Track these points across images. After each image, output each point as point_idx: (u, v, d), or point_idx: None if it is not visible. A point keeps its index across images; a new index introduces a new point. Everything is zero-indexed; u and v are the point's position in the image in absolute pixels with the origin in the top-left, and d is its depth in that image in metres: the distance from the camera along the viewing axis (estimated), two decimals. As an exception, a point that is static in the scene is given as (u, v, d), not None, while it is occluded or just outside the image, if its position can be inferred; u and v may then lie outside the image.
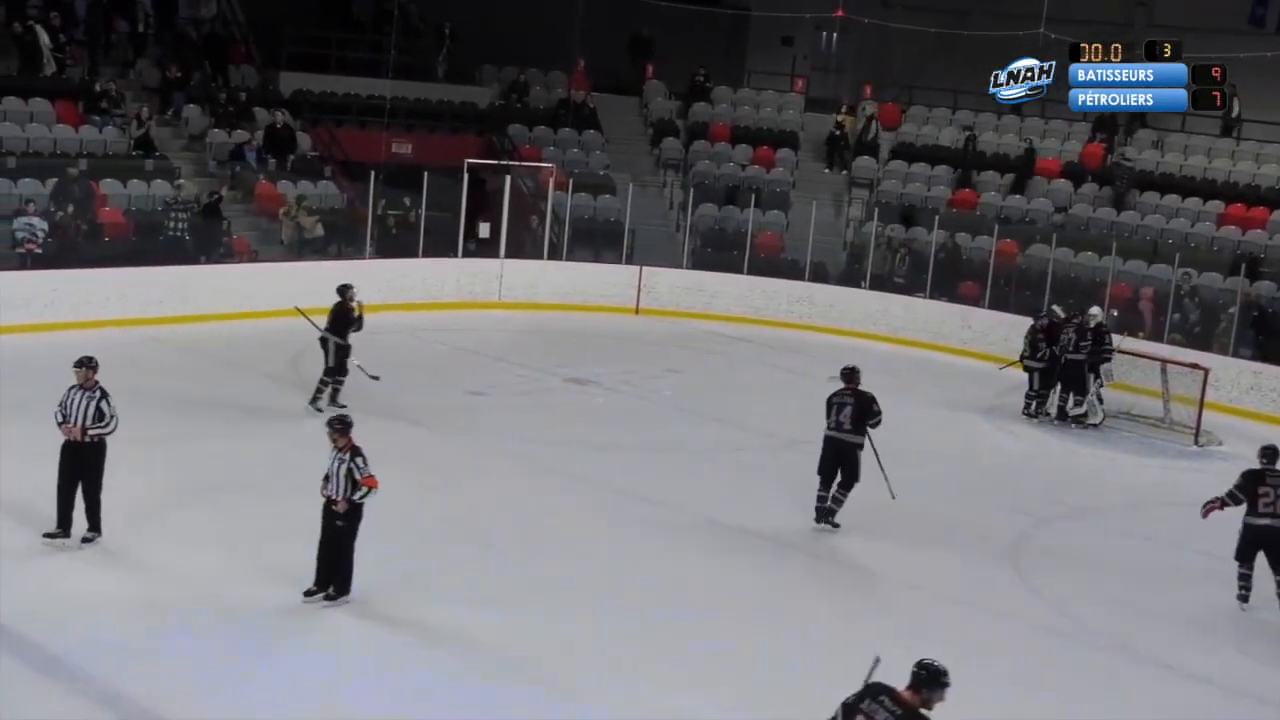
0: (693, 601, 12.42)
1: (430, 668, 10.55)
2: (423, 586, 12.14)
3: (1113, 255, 25.15)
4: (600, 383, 20.51)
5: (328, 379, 17.60)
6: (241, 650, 10.52)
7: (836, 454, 14.51)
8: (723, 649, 11.41)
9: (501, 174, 26.37)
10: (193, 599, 11.32)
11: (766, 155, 30.16)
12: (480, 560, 12.90)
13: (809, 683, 10.87)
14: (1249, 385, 22.33)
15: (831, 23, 31.16)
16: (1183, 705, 11.31)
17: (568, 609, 11.98)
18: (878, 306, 26.16)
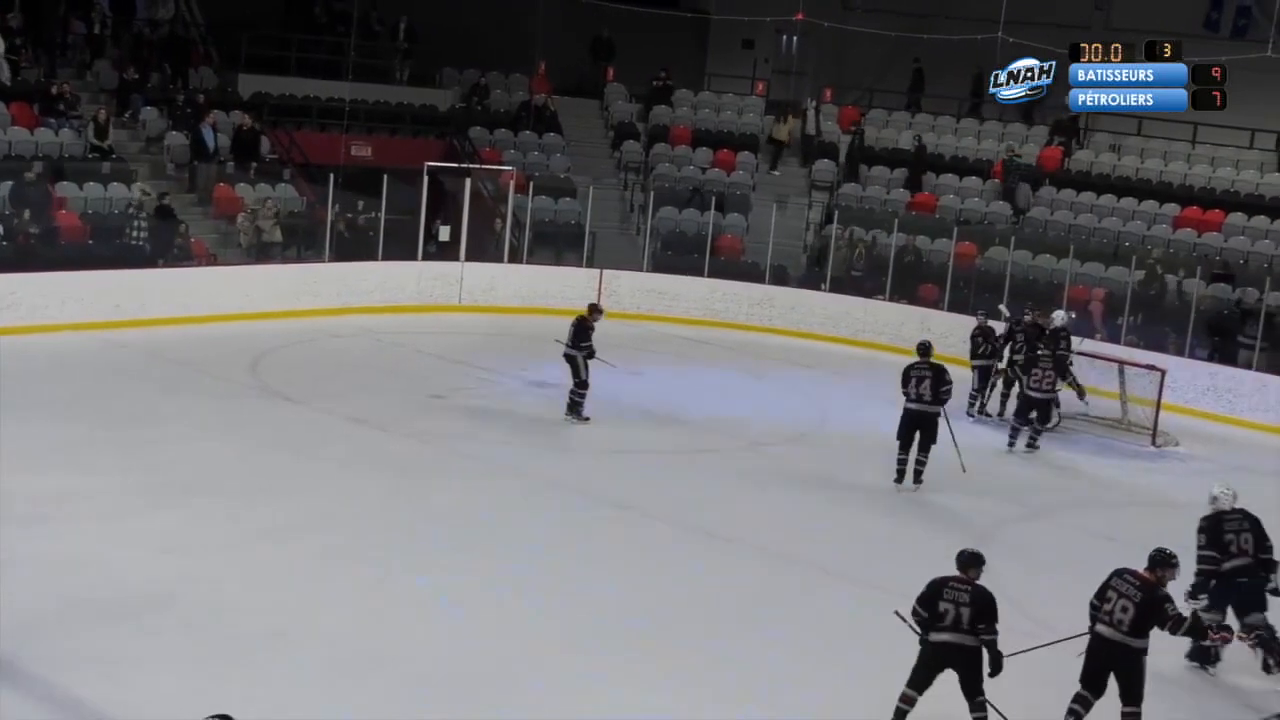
0: (659, 602, 12.43)
1: (399, 670, 10.52)
2: (388, 590, 12.12)
3: (1070, 258, 25.31)
4: (562, 385, 20.46)
5: (579, 390, 18.36)
6: (208, 655, 10.46)
7: (917, 422, 16.24)
8: (690, 648, 11.46)
9: (462, 177, 26.32)
10: (157, 603, 11.25)
11: (727, 158, 30.21)
12: (445, 562, 12.88)
13: (780, 683, 10.97)
14: (1205, 386, 22.51)
15: (792, 26, 31.21)
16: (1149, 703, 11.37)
17: (534, 611, 11.97)
18: (838, 309, 26.23)
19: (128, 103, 25.52)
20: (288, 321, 22.58)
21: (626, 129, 30.67)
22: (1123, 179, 29.06)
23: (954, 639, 9.94)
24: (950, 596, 9.95)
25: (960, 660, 9.95)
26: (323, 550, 12.84)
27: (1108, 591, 10.32)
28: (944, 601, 9.94)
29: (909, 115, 31.90)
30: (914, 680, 10.07)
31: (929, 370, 16.41)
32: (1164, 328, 24.19)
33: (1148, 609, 9.99)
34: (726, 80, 33.38)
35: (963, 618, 9.92)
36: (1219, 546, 12.18)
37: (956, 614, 9.93)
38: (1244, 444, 20.97)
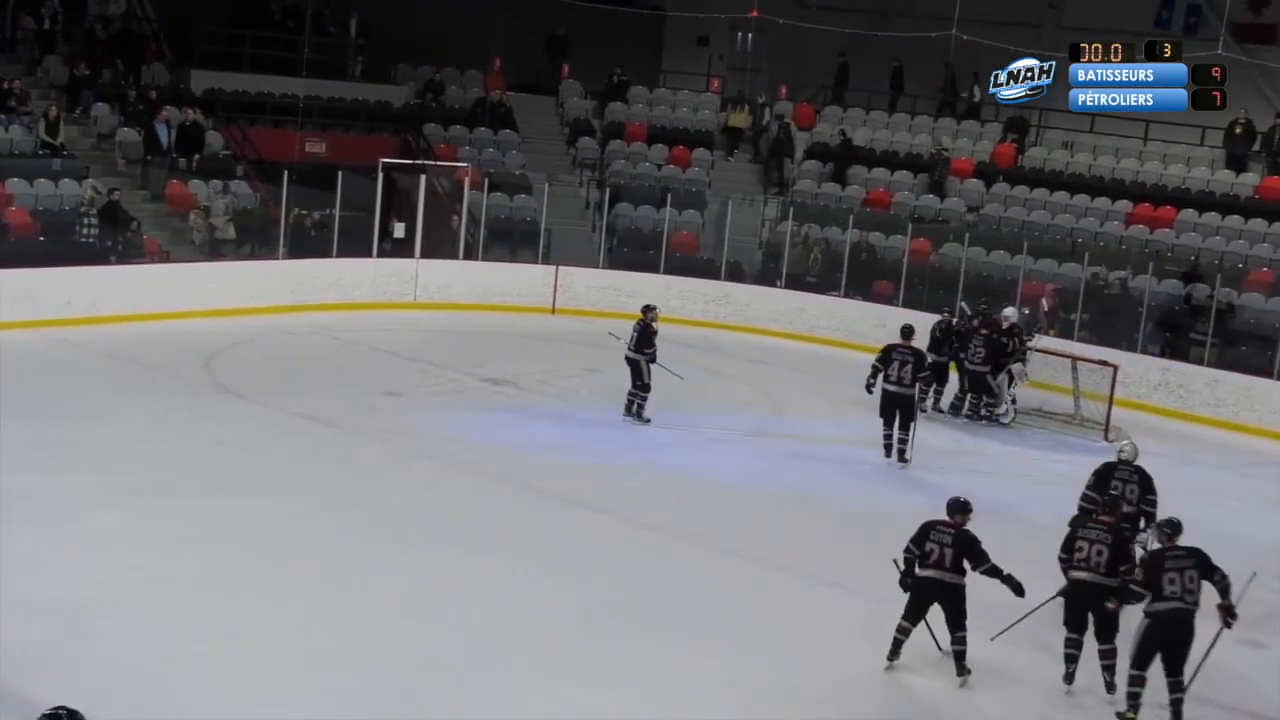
0: (614, 600, 12.43)
1: (351, 668, 10.49)
2: (342, 588, 12.08)
3: (1024, 254, 25.45)
4: (517, 383, 20.48)
5: (642, 393, 18.67)
6: (158, 655, 10.40)
7: (897, 402, 17.48)
8: (645, 647, 11.47)
9: (417, 174, 26.25)
10: (109, 603, 11.19)
11: (682, 155, 30.22)
12: (399, 561, 12.85)
13: (736, 684, 10.98)
14: (1157, 382, 22.67)
15: (747, 23, 31.28)
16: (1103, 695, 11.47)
17: (489, 610, 11.96)
18: (793, 305, 26.29)
19: (79, 99, 25.33)
20: (241, 319, 22.48)
21: (582, 126, 30.65)
22: (1075, 176, 29.22)
23: (937, 575, 11.18)
24: (936, 538, 11.25)
25: (944, 596, 11.20)
26: (275, 549, 12.79)
27: (1077, 542, 11.27)
28: (930, 542, 11.25)
29: (864, 113, 31.96)
30: (908, 614, 11.34)
31: (911, 355, 17.78)
32: (1116, 323, 24.37)
33: (1120, 548, 11.18)
34: (682, 77, 33.40)
35: (945, 557, 11.15)
36: (1103, 490, 13.15)
37: (940, 553, 11.18)
38: (1195, 439, 21.13)
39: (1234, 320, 23.92)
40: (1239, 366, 22.82)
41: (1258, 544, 15.49)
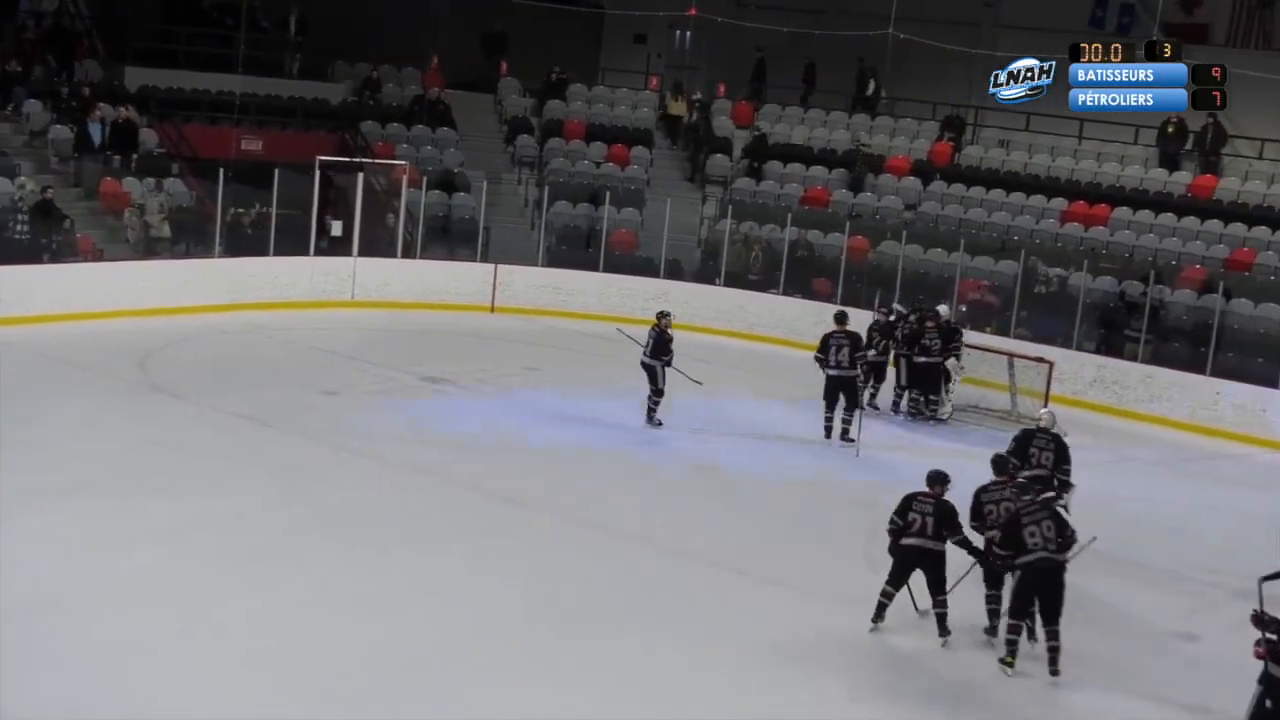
0: (555, 599, 12.41)
1: (290, 669, 10.42)
2: (281, 589, 11.99)
3: (960, 251, 25.61)
4: (456, 381, 20.41)
5: (655, 398, 18.81)
6: (94, 656, 10.28)
7: (840, 386, 18.47)
8: (585, 646, 11.45)
9: (354, 171, 26.10)
10: (43, 605, 11.05)
11: (621, 153, 30.20)
12: (337, 560, 12.77)
13: (670, 683, 10.99)
14: (1092, 378, 22.87)
15: (685, 21, 31.32)
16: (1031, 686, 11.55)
17: (429, 609, 11.91)
18: (733, 303, 26.35)
19: (10, 95, 25.03)
20: (176, 318, 22.29)
21: (520, 124, 30.57)
22: (1011, 174, 29.43)
23: (920, 543, 11.98)
24: (918, 509, 12.05)
25: (926, 562, 12.00)
26: (217, 549, 12.69)
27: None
28: (913, 512, 12.04)
29: (801, 110, 32.06)
30: (891, 579, 12.17)
31: (846, 339, 18.84)
32: (1052, 320, 24.57)
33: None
34: (620, 75, 33.42)
35: (927, 526, 11.96)
36: (1022, 456, 14.13)
37: (923, 523, 11.97)
38: (1130, 435, 21.35)
39: (1167, 317, 24.16)
40: (1173, 362, 23.08)
41: (1191, 533, 15.69)
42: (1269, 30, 30.69)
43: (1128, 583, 14.18)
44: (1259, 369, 22.54)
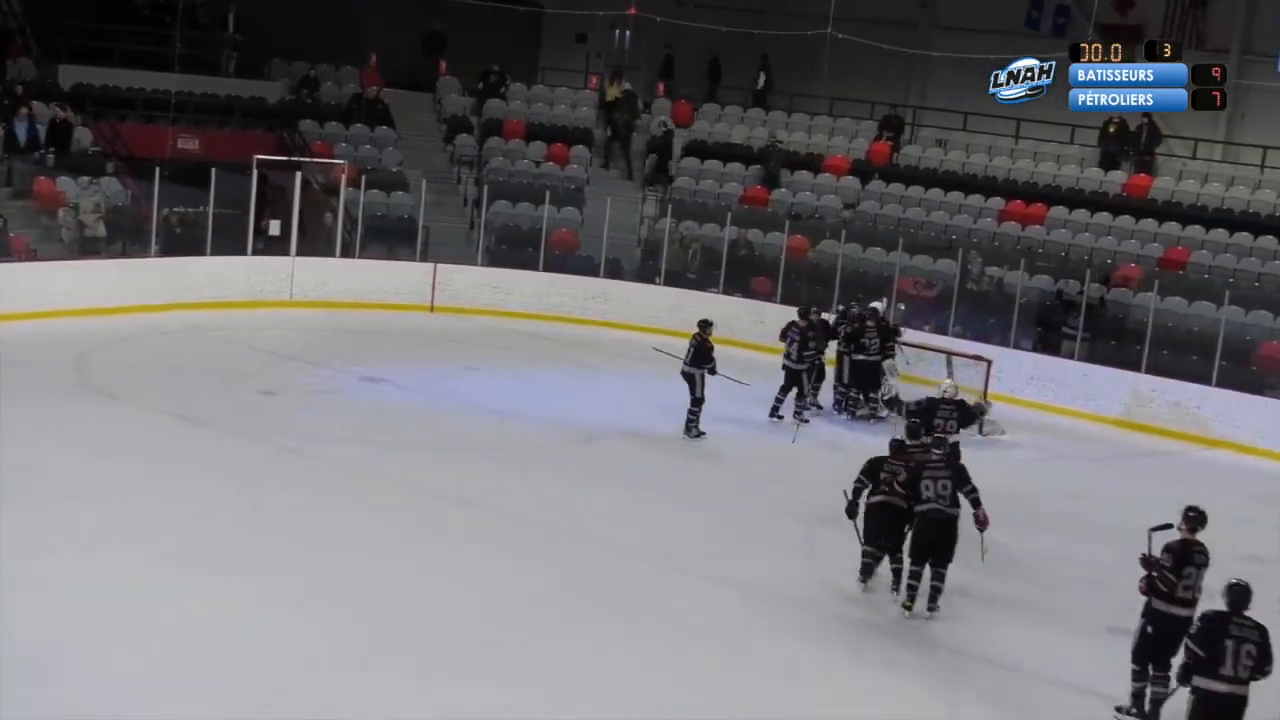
0: (497, 599, 12.39)
1: (229, 672, 10.35)
2: (222, 590, 11.90)
3: (899, 250, 25.74)
4: (396, 381, 20.34)
5: (695, 408, 18.81)
6: (21, 660, 10.15)
7: (793, 379, 19.66)
8: (528, 644, 11.44)
9: (292, 170, 25.93)
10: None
11: (561, 152, 30.18)
12: (278, 562, 12.69)
13: (621, 679, 11.00)
14: (1029, 376, 23.05)
15: (625, 20, 31.31)
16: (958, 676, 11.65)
17: (371, 609, 11.86)
18: (672, 302, 26.36)
19: (-59, 94, 24.75)
20: (113, 318, 22.07)
21: (460, 123, 30.48)
22: (949, 173, 29.62)
23: (888, 499, 12.98)
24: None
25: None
26: (154, 549, 12.58)
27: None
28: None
29: (742, 110, 32.15)
30: (868, 538, 13.18)
31: (798, 333, 19.84)
32: (990, 319, 24.76)
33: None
34: (560, 74, 33.37)
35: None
36: (928, 422, 15.70)
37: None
38: (1067, 432, 21.54)
39: (1104, 315, 24.38)
40: (1109, 360, 23.30)
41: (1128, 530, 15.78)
42: (1201, 30, 31.01)
43: (1060, 579, 14.32)
44: (1193, 366, 22.79)
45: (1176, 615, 10.89)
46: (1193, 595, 11.08)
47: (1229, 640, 9.65)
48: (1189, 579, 11.08)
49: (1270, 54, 28.00)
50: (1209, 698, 9.72)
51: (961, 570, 12.96)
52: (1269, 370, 22.78)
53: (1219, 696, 9.68)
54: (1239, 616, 9.77)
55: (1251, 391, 22.05)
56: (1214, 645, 9.66)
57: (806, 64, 31.11)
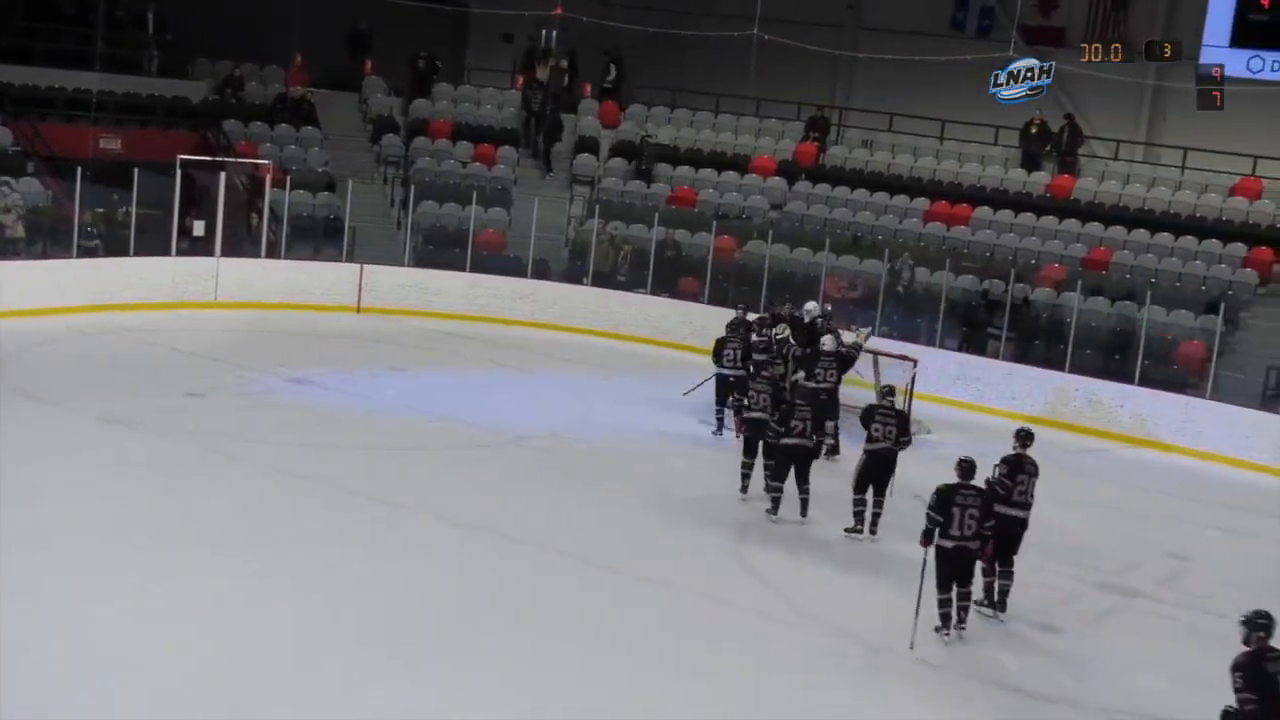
0: (427, 600, 12.35)
1: (158, 674, 10.24)
2: (150, 592, 11.79)
3: (826, 251, 25.88)
4: (321, 382, 20.21)
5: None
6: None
7: (732, 387, 19.01)
8: (458, 646, 11.43)
9: (216, 170, 25.69)
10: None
11: (488, 152, 30.08)
12: (205, 564, 12.57)
13: (548, 680, 10.99)
14: (954, 375, 23.26)
15: (551, 20, 31.25)
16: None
17: (299, 610, 11.79)
18: (600, 303, 26.39)
19: None
20: (35, 320, 21.77)
21: (385, 123, 30.32)
22: (875, 174, 29.80)
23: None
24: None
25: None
26: (80, 553, 12.45)
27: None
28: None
29: (668, 111, 32.18)
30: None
31: (739, 342, 19.62)
32: (916, 319, 24.96)
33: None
34: (486, 74, 33.27)
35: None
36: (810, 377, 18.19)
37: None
38: (991, 430, 21.55)
39: (1028, 315, 24.63)
40: (1033, 360, 23.56)
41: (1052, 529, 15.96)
42: (1123, 33, 31.37)
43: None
44: (1115, 365, 23.10)
45: (1014, 516, 13.36)
46: (1026, 500, 13.54)
47: (955, 508, 12.48)
48: (1022, 485, 13.52)
49: (1191, 56, 28.44)
50: (943, 553, 12.51)
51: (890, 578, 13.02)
52: (1189, 369, 23.09)
53: (950, 551, 12.49)
54: (965, 487, 12.60)
55: (1172, 390, 22.38)
56: (945, 510, 12.47)
57: (733, 65, 31.20)
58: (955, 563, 12.54)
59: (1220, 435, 21.39)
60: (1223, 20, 27.33)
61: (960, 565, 12.59)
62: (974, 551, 12.65)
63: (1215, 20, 27.33)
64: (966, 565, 12.66)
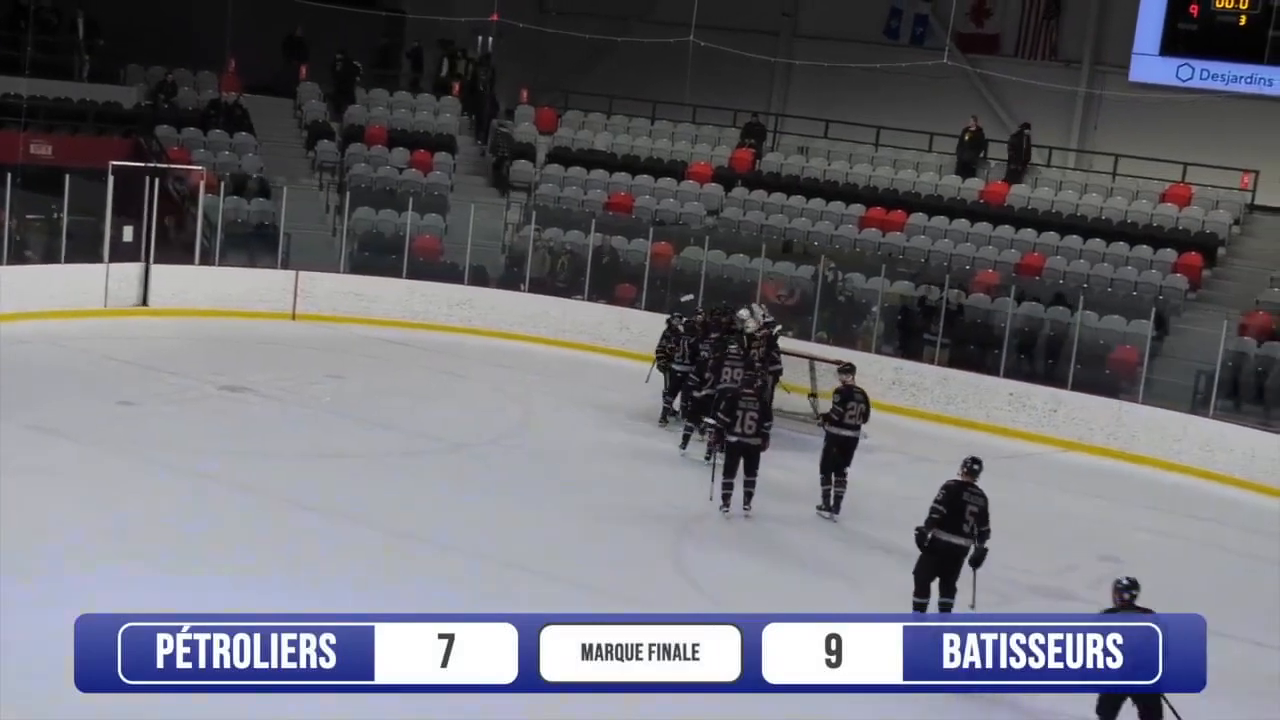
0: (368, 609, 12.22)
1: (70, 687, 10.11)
2: (80, 604, 11.60)
3: (762, 257, 25.95)
4: (257, 390, 20.07)
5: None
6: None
7: (679, 384, 19.88)
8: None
9: (149, 176, 25.45)
10: None
11: (424, 158, 29.98)
12: (143, 575, 12.45)
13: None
14: (891, 380, 23.36)
15: (488, 26, 31.22)
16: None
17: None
18: (537, 309, 26.35)
19: None
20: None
21: (321, 128, 30.14)
22: (811, 180, 29.88)
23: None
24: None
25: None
26: (8, 563, 12.27)
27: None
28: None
29: (605, 117, 32.18)
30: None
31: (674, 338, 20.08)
32: (851, 324, 25.09)
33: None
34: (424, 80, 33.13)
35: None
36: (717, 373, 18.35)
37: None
38: (927, 435, 21.85)
39: (963, 320, 24.80)
40: (968, 365, 23.71)
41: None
42: (1055, 41, 31.74)
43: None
44: (1050, 370, 23.30)
45: (846, 436, 16.57)
46: (856, 422, 16.70)
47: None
48: (852, 410, 16.63)
49: (1122, 64, 28.80)
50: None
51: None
52: (1122, 374, 23.31)
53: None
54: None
55: (1105, 394, 22.57)
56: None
57: (669, 72, 31.28)
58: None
59: (1151, 439, 21.61)
60: (1152, 29, 27.72)
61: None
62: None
63: (1145, 29, 27.68)
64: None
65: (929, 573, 12.77)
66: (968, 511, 12.73)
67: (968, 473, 13.02)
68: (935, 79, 30.17)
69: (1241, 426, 21.48)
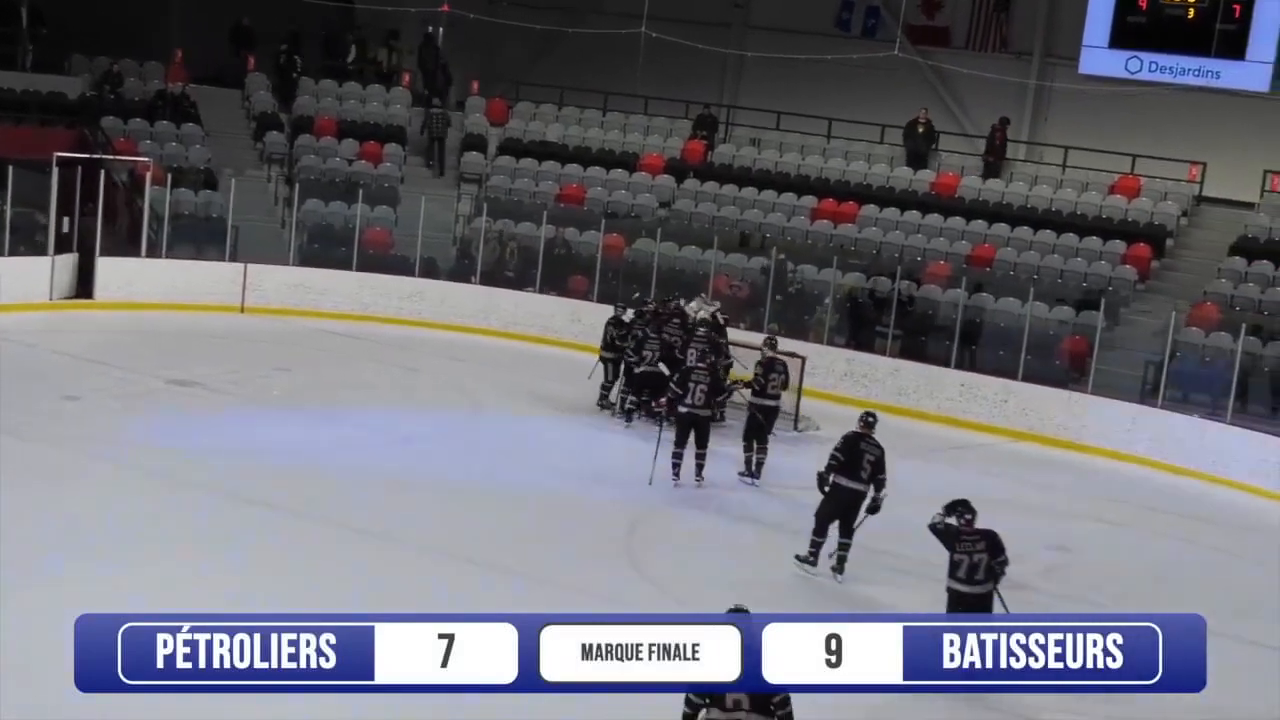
0: (314, 605, 12.13)
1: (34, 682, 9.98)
2: (21, 601, 11.49)
3: (714, 249, 25.93)
4: (205, 384, 19.88)
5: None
6: None
7: (649, 381, 19.43)
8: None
9: (95, 168, 25.18)
10: None
11: (374, 150, 29.77)
12: (91, 570, 12.28)
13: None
14: (843, 372, 23.40)
15: (438, 18, 31.06)
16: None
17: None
18: (488, 301, 26.25)
19: None
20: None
21: (269, 120, 29.89)
22: (763, 172, 29.89)
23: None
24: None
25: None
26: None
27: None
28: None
29: (556, 109, 32.06)
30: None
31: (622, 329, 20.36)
32: (803, 316, 25.11)
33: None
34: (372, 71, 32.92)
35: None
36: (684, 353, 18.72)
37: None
38: (879, 427, 21.79)
39: (914, 312, 24.85)
40: (919, 356, 23.78)
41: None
42: (1005, 34, 31.85)
43: (876, 578, 14.49)
44: (1000, 361, 23.37)
45: (768, 405, 17.68)
46: (776, 393, 17.81)
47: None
48: (774, 382, 17.65)
49: (1071, 57, 28.91)
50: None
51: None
52: (1072, 364, 23.43)
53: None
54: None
55: (1055, 385, 22.67)
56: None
57: (621, 63, 31.22)
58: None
59: (1101, 428, 21.73)
60: (1102, 22, 27.79)
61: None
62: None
63: (1094, 22, 27.77)
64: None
65: (829, 515, 13.97)
66: (865, 460, 13.96)
67: (865, 425, 14.36)
68: (887, 71, 30.23)
69: (1189, 416, 21.62)
